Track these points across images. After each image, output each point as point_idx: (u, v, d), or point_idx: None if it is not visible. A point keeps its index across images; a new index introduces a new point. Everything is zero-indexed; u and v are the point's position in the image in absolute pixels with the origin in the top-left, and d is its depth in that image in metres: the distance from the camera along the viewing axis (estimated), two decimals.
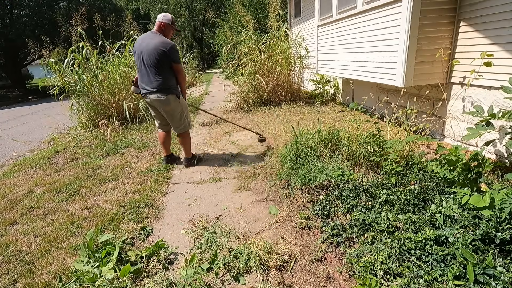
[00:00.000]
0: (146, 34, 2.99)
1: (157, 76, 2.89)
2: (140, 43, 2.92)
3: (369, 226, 1.83)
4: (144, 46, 2.87)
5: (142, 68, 2.92)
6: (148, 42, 2.87)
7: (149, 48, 2.83)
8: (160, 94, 2.94)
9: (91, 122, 5.65)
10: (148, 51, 2.83)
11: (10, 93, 16.84)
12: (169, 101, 2.99)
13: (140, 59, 2.90)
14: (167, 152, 3.47)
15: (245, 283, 1.63)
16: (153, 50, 2.82)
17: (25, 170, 3.79)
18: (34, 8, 15.79)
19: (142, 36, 2.99)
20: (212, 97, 9.19)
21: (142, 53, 2.87)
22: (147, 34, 2.98)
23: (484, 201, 1.63)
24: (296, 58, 6.73)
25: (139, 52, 2.89)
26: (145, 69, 2.90)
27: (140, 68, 2.94)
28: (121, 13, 15.41)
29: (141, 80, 2.98)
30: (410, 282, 1.39)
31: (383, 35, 3.50)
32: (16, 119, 8.66)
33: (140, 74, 2.97)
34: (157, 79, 2.90)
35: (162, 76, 2.90)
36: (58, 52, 6.03)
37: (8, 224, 2.47)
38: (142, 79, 2.97)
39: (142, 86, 2.99)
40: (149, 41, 2.87)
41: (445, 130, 3.34)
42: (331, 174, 2.49)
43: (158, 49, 2.82)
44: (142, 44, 2.89)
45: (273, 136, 4.17)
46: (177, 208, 2.53)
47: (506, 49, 2.52)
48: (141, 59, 2.89)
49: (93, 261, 1.79)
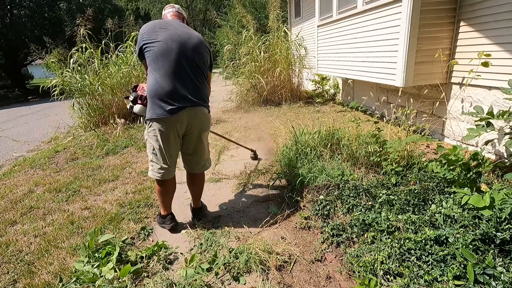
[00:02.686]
0: (171, 21, 1.96)
1: (205, 83, 2.00)
2: (172, 31, 1.84)
3: (369, 226, 1.83)
4: (181, 35, 1.85)
5: (179, 67, 1.83)
6: (186, 31, 1.90)
7: (192, 40, 1.89)
8: (206, 109, 2.01)
9: (92, 122, 5.66)
10: (193, 44, 1.88)
11: (10, 93, 16.84)
12: (210, 120, 2.13)
13: (175, 55, 1.81)
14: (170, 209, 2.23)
15: (245, 283, 1.63)
16: (200, 45, 1.92)
17: (25, 170, 3.79)
18: (34, 9, 15.80)
19: (166, 22, 1.93)
20: (212, 97, 9.14)
21: (181, 44, 1.83)
22: (172, 21, 1.96)
23: (484, 201, 1.63)
24: (296, 58, 6.73)
25: (174, 43, 1.81)
26: (187, 69, 1.86)
27: (175, 69, 1.82)
28: (122, 13, 15.42)
29: (173, 87, 1.81)
30: (410, 282, 1.39)
31: (383, 35, 3.50)
32: (16, 119, 8.66)
33: (174, 75, 1.82)
34: (205, 87, 2.00)
35: (207, 84, 2.04)
36: (59, 52, 6.05)
37: (8, 224, 2.47)
38: (179, 83, 1.83)
39: (177, 97, 1.82)
40: (187, 31, 1.91)
41: (445, 130, 3.34)
42: (331, 174, 2.49)
43: (204, 45, 1.98)
44: (174, 31, 1.85)
45: (273, 136, 4.17)
46: (177, 208, 2.53)
47: (506, 49, 2.52)
48: (177, 56, 1.82)
49: (93, 261, 1.79)
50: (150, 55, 1.81)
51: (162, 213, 2.20)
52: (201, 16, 28.93)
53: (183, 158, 2.14)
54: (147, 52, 1.82)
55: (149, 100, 1.85)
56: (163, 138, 1.88)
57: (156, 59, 1.80)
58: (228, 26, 12.90)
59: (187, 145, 2.03)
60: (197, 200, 2.30)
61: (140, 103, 2.02)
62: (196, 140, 2.02)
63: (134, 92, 2.05)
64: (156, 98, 1.80)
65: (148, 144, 1.97)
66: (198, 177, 2.22)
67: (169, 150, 1.93)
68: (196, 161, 2.12)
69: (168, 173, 2.00)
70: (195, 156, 2.09)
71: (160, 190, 2.08)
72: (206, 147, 2.14)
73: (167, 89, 1.79)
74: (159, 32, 1.82)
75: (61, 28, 14.28)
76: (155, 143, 1.91)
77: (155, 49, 1.79)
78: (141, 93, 2.02)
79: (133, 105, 2.04)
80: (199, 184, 2.25)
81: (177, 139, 1.94)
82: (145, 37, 1.82)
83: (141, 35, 1.85)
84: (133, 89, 2.08)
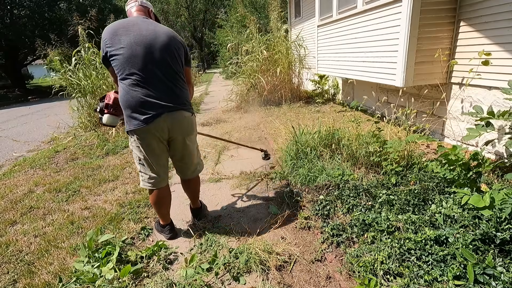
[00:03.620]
0: (135, 19, 1.76)
1: (182, 84, 1.84)
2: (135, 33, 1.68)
3: (369, 226, 1.83)
4: (147, 36, 1.69)
5: (147, 72, 1.69)
6: (151, 29, 1.72)
7: (160, 39, 1.71)
8: (188, 113, 1.87)
9: (92, 122, 5.66)
10: (160, 43, 1.71)
11: (10, 93, 16.84)
12: (194, 124, 1.98)
13: (142, 61, 1.67)
14: (168, 218, 2.14)
15: (245, 283, 1.63)
16: (169, 42, 1.75)
17: (25, 170, 3.79)
18: (34, 9, 15.79)
19: (128, 22, 1.73)
20: (212, 97, 9.19)
21: (146, 46, 1.67)
22: (135, 19, 1.76)
23: (484, 201, 1.63)
24: (296, 58, 6.74)
25: (139, 47, 1.66)
26: (158, 72, 1.71)
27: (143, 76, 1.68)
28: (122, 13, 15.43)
29: (143, 96, 1.68)
30: (410, 282, 1.39)
31: (383, 35, 3.50)
32: (16, 119, 8.67)
33: (144, 83, 1.69)
34: (182, 88, 1.84)
35: (184, 84, 1.87)
36: (62, 51, 6.06)
37: (8, 224, 2.47)
38: (150, 90, 1.69)
39: (150, 105, 1.70)
40: (152, 28, 1.73)
41: (445, 130, 3.34)
42: (331, 174, 2.49)
43: (175, 40, 1.79)
44: (138, 32, 1.68)
45: (273, 136, 4.17)
46: (177, 208, 2.53)
47: (506, 49, 2.52)
48: (144, 57, 1.67)
49: (93, 261, 1.79)
50: (116, 64, 1.68)
51: (161, 222, 2.13)
52: (201, 16, 28.93)
53: (174, 164, 2.08)
54: (112, 61, 1.69)
55: (123, 111, 1.75)
56: (146, 148, 1.80)
57: (123, 68, 1.67)
58: (228, 26, 12.91)
59: (174, 151, 1.94)
60: (195, 201, 2.28)
61: (107, 112, 1.86)
62: (182, 145, 1.92)
63: (101, 102, 1.90)
64: (129, 109, 1.70)
65: (134, 155, 1.90)
66: (192, 181, 2.16)
67: (155, 158, 1.85)
68: (186, 166, 2.05)
69: (159, 181, 1.91)
70: (184, 162, 2.01)
71: (154, 201, 1.98)
72: (194, 151, 2.04)
73: (137, 98, 1.68)
74: (121, 36, 1.66)
75: (61, 28, 14.30)
76: (139, 153, 1.83)
77: (120, 57, 1.65)
78: (107, 101, 1.86)
79: (101, 116, 1.89)
80: (194, 188, 2.21)
81: (161, 146, 1.84)
82: (108, 43, 1.66)
83: (103, 40, 1.69)
84: (101, 99, 1.92)
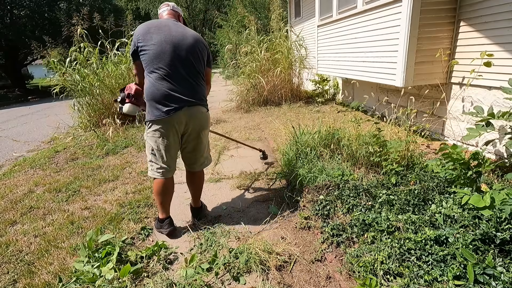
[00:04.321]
0: (166, 21, 1.96)
1: (201, 82, 2.01)
2: (166, 32, 1.86)
3: (369, 226, 1.83)
4: (175, 36, 1.87)
5: (173, 69, 1.86)
6: (180, 31, 1.92)
7: (187, 40, 1.90)
8: (204, 108, 2.04)
9: (92, 122, 5.66)
10: (187, 44, 1.90)
11: (10, 93, 16.83)
12: (209, 119, 2.14)
13: (170, 57, 1.84)
14: (168, 211, 2.18)
15: (245, 283, 1.63)
16: (194, 43, 1.93)
17: (25, 170, 3.79)
18: (34, 9, 15.78)
19: (160, 22, 1.93)
20: (212, 96, 9.18)
21: (174, 45, 1.85)
22: (167, 21, 1.96)
23: (484, 201, 1.63)
24: (296, 58, 6.74)
25: (168, 46, 1.84)
26: (182, 70, 1.88)
27: (169, 71, 1.85)
28: (121, 13, 15.43)
29: (168, 89, 1.84)
30: (410, 282, 1.39)
31: (383, 35, 3.50)
32: (16, 119, 8.66)
33: (169, 78, 1.85)
34: (201, 86, 2.01)
35: (203, 82, 2.05)
36: (59, 52, 6.06)
37: (8, 224, 2.47)
38: (174, 84, 1.86)
39: (173, 98, 1.85)
40: (181, 31, 1.93)
41: (445, 130, 3.34)
42: (331, 174, 2.49)
43: (200, 42, 1.98)
44: (168, 33, 1.87)
45: (273, 136, 4.17)
46: (177, 208, 2.53)
47: (506, 49, 2.53)
48: (172, 55, 1.85)
49: (93, 261, 1.79)
50: (145, 58, 1.85)
51: (160, 216, 2.15)
52: (201, 16, 28.94)
53: (182, 156, 2.15)
54: (142, 55, 1.86)
55: (147, 102, 1.89)
56: (162, 139, 1.91)
57: (151, 62, 1.84)
58: (228, 26, 12.92)
59: (187, 144, 2.05)
60: (196, 200, 2.31)
61: (128, 101, 1.98)
62: (196, 138, 2.04)
63: (122, 93, 2.02)
64: (153, 101, 1.85)
65: (147, 145, 1.99)
66: (197, 175, 2.23)
67: (168, 149, 1.95)
68: (195, 158, 2.13)
69: (168, 172, 2.01)
70: (194, 154, 2.11)
71: (158, 191, 2.04)
72: (205, 145, 2.17)
73: (162, 91, 1.83)
74: (153, 34, 1.84)
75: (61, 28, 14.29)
76: (154, 144, 1.93)
77: (150, 52, 1.83)
78: (128, 91, 1.99)
79: (122, 105, 2.00)
80: (198, 182, 2.26)
81: (176, 138, 1.97)
82: (140, 39, 1.85)
83: (136, 36, 1.87)
84: (121, 90, 2.05)
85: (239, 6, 8.55)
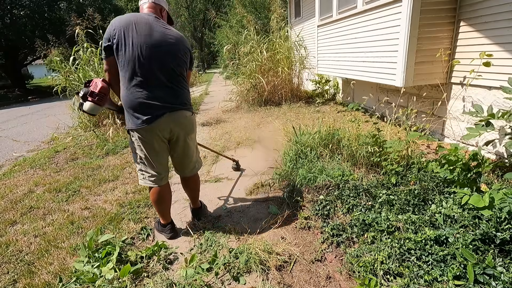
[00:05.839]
0: (147, 18, 1.73)
1: (183, 85, 1.87)
2: (145, 32, 1.67)
3: (369, 226, 1.83)
4: (156, 38, 1.70)
5: (152, 75, 1.70)
6: (161, 31, 1.73)
7: (168, 43, 1.74)
8: (188, 112, 1.90)
9: (91, 122, 5.66)
10: (169, 47, 1.74)
11: (10, 93, 16.84)
12: (194, 123, 2.03)
13: (148, 62, 1.67)
14: (169, 217, 2.13)
15: (245, 283, 1.63)
16: (177, 47, 1.78)
17: (25, 170, 3.79)
18: (34, 9, 15.79)
19: (140, 19, 1.70)
20: (212, 97, 9.19)
21: (155, 49, 1.68)
22: (147, 18, 1.73)
23: (484, 201, 1.63)
24: (296, 58, 6.74)
25: (146, 49, 1.66)
26: (161, 76, 1.73)
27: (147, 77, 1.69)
28: (122, 13, 15.43)
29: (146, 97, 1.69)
30: (410, 282, 1.39)
31: (383, 35, 3.50)
32: (16, 119, 8.66)
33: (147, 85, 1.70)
34: (184, 90, 1.87)
35: (186, 85, 1.91)
36: (60, 51, 6.07)
37: (8, 224, 2.47)
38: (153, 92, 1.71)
39: (151, 105, 1.71)
40: (162, 31, 1.74)
41: (445, 130, 3.34)
42: (331, 174, 2.49)
43: (182, 45, 1.82)
44: (148, 33, 1.68)
45: (273, 136, 4.17)
46: (177, 208, 2.53)
47: (506, 49, 2.53)
48: (151, 61, 1.68)
49: (93, 261, 1.79)
50: (121, 60, 1.66)
51: (162, 222, 2.12)
52: (201, 16, 28.93)
53: (172, 162, 2.08)
54: (117, 54, 1.66)
55: (125, 110, 1.77)
56: (147, 147, 1.81)
57: (127, 66, 1.66)
58: (228, 26, 12.92)
59: (174, 150, 1.96)
60: (195, 201, 2.28)
61: (90, 100, 1.74)
62: (183, 144, 1.95)
63: (86, 88, 1.78)
64: (131, 109, 1.72)
65: (133, 154, 1.91)
66: (191, 179, 2.17)
67: (156, 157, 1.86)
68: (184, 164, 2.06)
69: (160, 179, 1.92)
70: (183, 159, 2.03)
71: (155, 199, 1.98)
72: (194, 150, 2.09)
73: (140, 100, 1.69)
74: (132, 32, 1.64)
75: (61, 28, 14.29)
76: (141, 152, 1.84)
77: (127, 54, 1.64)
78: (92, 89, 1.75)
79: (83, 102, 1.77)
80: (193, 186, 2.21)
81: (162, 144, 1.86)
82: (116, 35, 1.63)
83: (111, 30, 1.65)
84: (86, 84, 1.81)
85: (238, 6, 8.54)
